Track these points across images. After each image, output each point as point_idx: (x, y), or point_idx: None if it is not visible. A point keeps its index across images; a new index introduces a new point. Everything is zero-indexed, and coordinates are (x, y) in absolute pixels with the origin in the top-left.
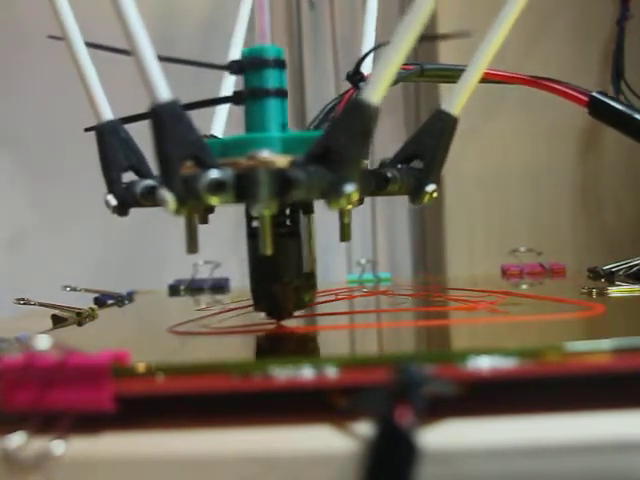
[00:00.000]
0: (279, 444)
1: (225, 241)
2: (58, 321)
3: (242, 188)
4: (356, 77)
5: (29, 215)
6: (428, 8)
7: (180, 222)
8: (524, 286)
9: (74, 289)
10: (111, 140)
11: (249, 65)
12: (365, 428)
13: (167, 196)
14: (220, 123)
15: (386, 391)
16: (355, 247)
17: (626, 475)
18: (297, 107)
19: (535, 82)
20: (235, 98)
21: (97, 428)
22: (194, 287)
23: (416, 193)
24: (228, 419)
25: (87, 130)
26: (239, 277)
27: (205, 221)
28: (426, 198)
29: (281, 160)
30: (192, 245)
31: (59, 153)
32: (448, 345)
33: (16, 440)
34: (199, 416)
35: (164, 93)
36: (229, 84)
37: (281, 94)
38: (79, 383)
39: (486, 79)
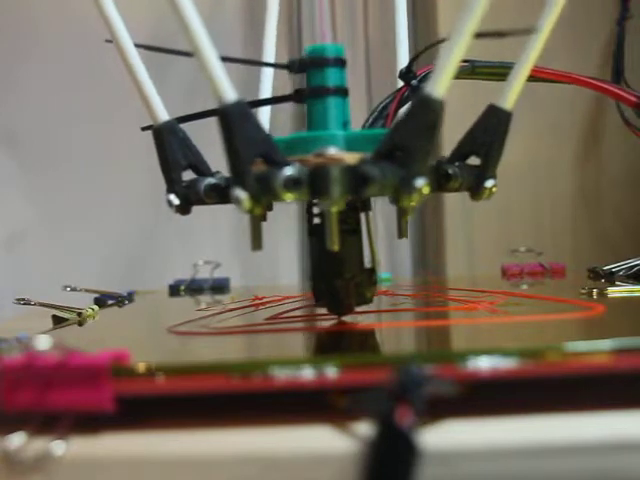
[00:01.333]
0: (279, 444)
1: (225, 241)
2: (58, 321)
3: (316, 184)
4: (409, 75)
5: (29, 215)
6: (487, 1)
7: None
8: (524, 286)
9: (74, 289)
10: (170, 140)
11: (311, 64)
12: (365, 428)
13: (241, 195)
14: (264, 122)
15: (386, 391)
16: None
17: (626, 475)
18: (298, 106)
19: (587, 82)
20: (296, 97)
21: (97, 428)
22: (194, 287)
23: (476, 189)
24: (228, 419)
25: (144, 129)
26: (239, 277)
27: (265, 219)
28: (486, 194)
29: (349, 157)
30: (257, 242)
31: (59, 153)
32: (448, 345)
33: (16, 440)
34: (199, 416)
35: (230, 93)
36: (267, 84)
37: (342, 92)
38: (79, 383)
39: (536, 77)
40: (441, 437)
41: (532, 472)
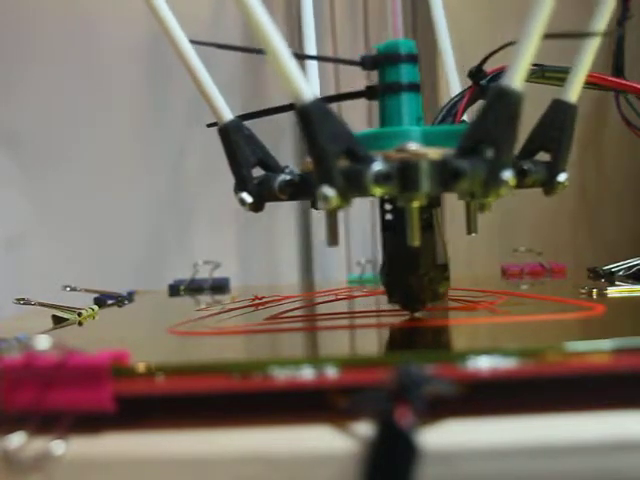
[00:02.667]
0: (279, 444)
1: (225, 241)
2: (58, 321)
3: (405, 179)
4: (479, 75)
5: (29, 215)
6: None
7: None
8: (524, 286)
9: (74, 289)
10: (237, 138)
11: (384, 60)
12: (365, 428)
13: (329, 192)
14: None
15: (386, 391)
16: (355, 247)
17: (626, 475)
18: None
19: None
20: (368, 93)
21: (97, 428)
22: (194, 287)
23: (549, 184)
24: (228, 419)
25: (209, 126)
26: (239, 277)
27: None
28: (560, 188)
29: (432, 152)
30: (333, 238)
31: (59, 154)
32: (448, 345)
33: (16, 440)
34: (199, 416)
35: (308, 92)
36: (314, 80)
37: (415, 88)
38: (79, 383)
39: (596, 84)
40: (441, 437)
41: (532, 472)
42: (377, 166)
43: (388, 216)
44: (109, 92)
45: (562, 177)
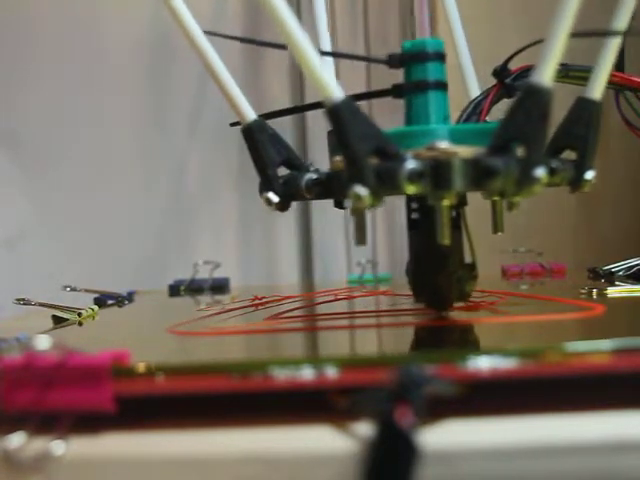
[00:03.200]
0: (279, 444)
1: (225, 241)
2: (58, 321)
3: (438, 177)
4: (503, 74)
5: (29, 215)
6: None
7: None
8: (524, 286)
9: (74, 289)
10: (261, 138)
11: (411, 58)
12: (365, 428)
13: (361, 191)
14: None
15: (386, 391)
16: (355, 247)
17: (626, 475)
18: (297, 105)
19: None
20: (395, 91)
21: (97, 428)
22: (194, 287)
23: (576, 182)
24: (228, 419)
25: (232, 125)
26: (239, 277)
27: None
28: (587, 186)
29: (463, 151)
30: (362, 237)
31: (59, 154)
32: (448, 345)
33: (16, 440)
34: (199, 416)
35: (337, 91)
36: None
37: (443, 87)
38: (79, 383)
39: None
40: (441, 437)
41: (532, 472)
42: (410, 164)
43: (414, 215)
44: (109, 92)
45: (590, 175)
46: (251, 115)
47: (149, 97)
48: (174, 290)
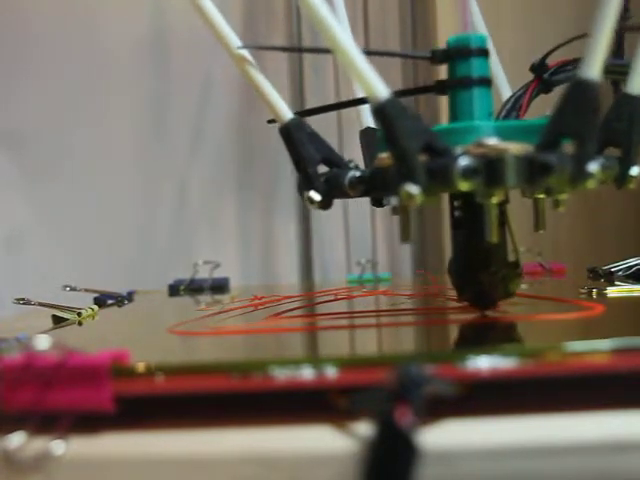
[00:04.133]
0: (279, 444)
1: (225, 241)
2: (58, 321)
3: (491, 173)
4: (541, 69)
5: (29, 215)
6: None
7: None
8: (524, 286)
9: (74, 289)
10: (300, 136)
11: (455, 54)
12: (365, 428)
13: (413, 189)
14: (367, 117)
15: (386, 391)
16: (355, 247)
17: (626, 475)
18: (296, 106)
19: None
20: (438, 87)
21: (97, 428)
22: (194, 287)
23: (622, 179)
24: (228, 419)
25: (270, 122)
26: (239, 277)
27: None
28: (633, 182)
29: (513, 147)
30: (406, 234)
31: (59, 154)
32: (448, 345)
33: (16, 440)
34: (199, 416)
35: (383, 90)
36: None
37: (487, 83)
38: (79, 383)
39: None
40: (441, 437)
41: (532, 472)
42: (464, 161)
43: (457, 213)
44: (109, 92)
45: (635, 171)
46: (288, 114)
47: (149, 97)
48: (174, 290)
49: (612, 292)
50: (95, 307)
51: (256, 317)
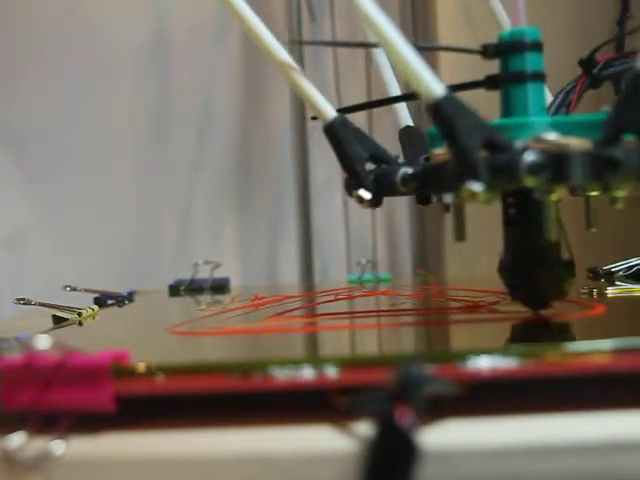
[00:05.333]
0: (279, 444)
1: (225, 241)
2: (58, 321)
3: (558, 169)
4: (590, 64)
5: (29, 215)
6: None
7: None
8: None
9: (74, 289)
10: (345, 135)
11: (508, 48)
12: (365, 428)
13: (476, 187)
14: (405, 115)
15: (386, 391)
16: (355, 247)
17: (626, 475)
18: (296, 107)
19: None
20: (489, 82)
21: (97, 428)
22: (194, 287)
23: None
24: (228, 419)
25: (313, 119)
26: (239, 277)
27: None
28: None
29: (575, 142)
30: (461, 233)
31: (60, 154)
32: (448, 345)
33: (16, 440)
34: (199, 416)
35: (438, 87)
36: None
37: (541, 78)
38: (79, 383)
39: None
40: (441, 437)
41: (532, 472)
42: (530, 156)
43: (511, 210)
44: (109, 93)
45: None
46: (331, 112)
47: (150, 97)
48: (174, 290)
49: (612, 292)
50: (95, 307)
51: (256, 317)
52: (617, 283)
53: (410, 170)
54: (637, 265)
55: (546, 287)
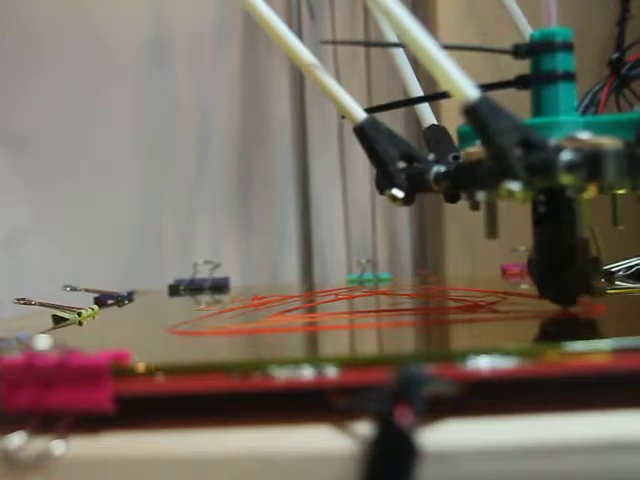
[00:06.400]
0: (279, 444)
1: (225, 241)
2: (58, 321)
3: (593, 167)
4: (619, 64)
5: (29, 215)
6: None
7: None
8: (524, 286)
9: (74, 289)
10: (376, 135)
11: (540, 48)
12: (365, 428)
13: (514, 186)
14: (429, 114)
15: (386, 391)
16: (355, 247)
17: (626, 475)
18: (296, 107)
19: None
20: (520, 82)
21: (97, 428)
22: (194, 287)
23: None
24: (228, 419)
25: (343, 117)
26: (239, 277)
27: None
28: None
29: (607, 141)
30: (493, 231)
31: (60, 154)
32: (448, 345)
33: (16, 440)
34: (199, 416)
35: (472, 90)
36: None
37: (571, 77)
38: (79, 383)
39: None
40: (441, 437)
41: (532, 472)
42: (567, 155)
43: (541, 208)
44: (109, 93)
45: None
46: (361, 114)
47: (150, 96)
48: (174, 290)
49: (612, 292)
50: (95, 307)
51: (256, 317)
52: (617, 283)
53: (443, 168)
54: (637, 265)
55: (574, 284)
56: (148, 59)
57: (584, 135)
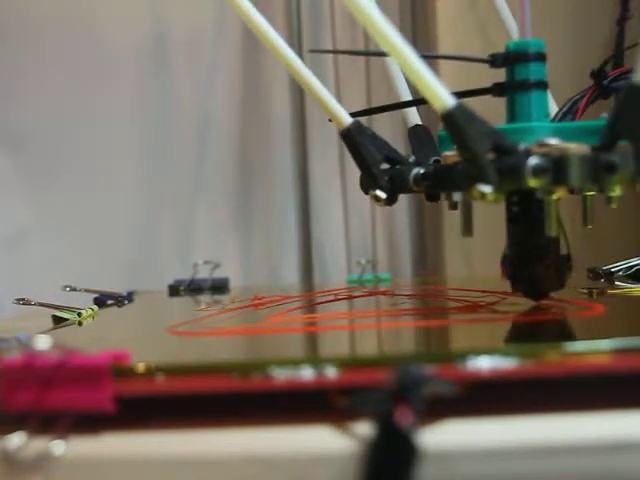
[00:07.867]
0: (279, 444)
1: (225, 241)
2: (58, 321)
3: (559, 171)
4: (600, 75)
5: (29, 215)
6: None
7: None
8: None
9: (74, 289)
10: (361, 139)
11: (515, 58)
12: (365, 428)
13: (486, 189)
14: (414, 115)
15: (386, 391)
16: (355, 247)
17: (626, 475)
18: (296, 107)
19: None
20: (496, 90)
21: (97, 428)
22: (194, 287)
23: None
24: (228, 419)
25: (330, 120)
26: (239, 277)
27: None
28: None
29: (574, 147)
30: (467, 229)
31: (59, 153)
32: (448, 345)
33: (16, 440)
34: (199, 416)
35: (449, 98)
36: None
37: (543, 86)
38: (79, 383)
39: None
40: (441, 437)
41: (532, 472)
42: (534, 160)
43: (514, 208)
44: (109, 93)
45: None
46: (347, 118)
47: (150, 96)
48: (174, 290)
49: (612, 292)
50: (95, 307)
51: (256, 317)
52: (617, 283)
53: (422, 170)
54: (637, 265)
55: (545, 279)
56: (148, 59)
57: (553, 140)
